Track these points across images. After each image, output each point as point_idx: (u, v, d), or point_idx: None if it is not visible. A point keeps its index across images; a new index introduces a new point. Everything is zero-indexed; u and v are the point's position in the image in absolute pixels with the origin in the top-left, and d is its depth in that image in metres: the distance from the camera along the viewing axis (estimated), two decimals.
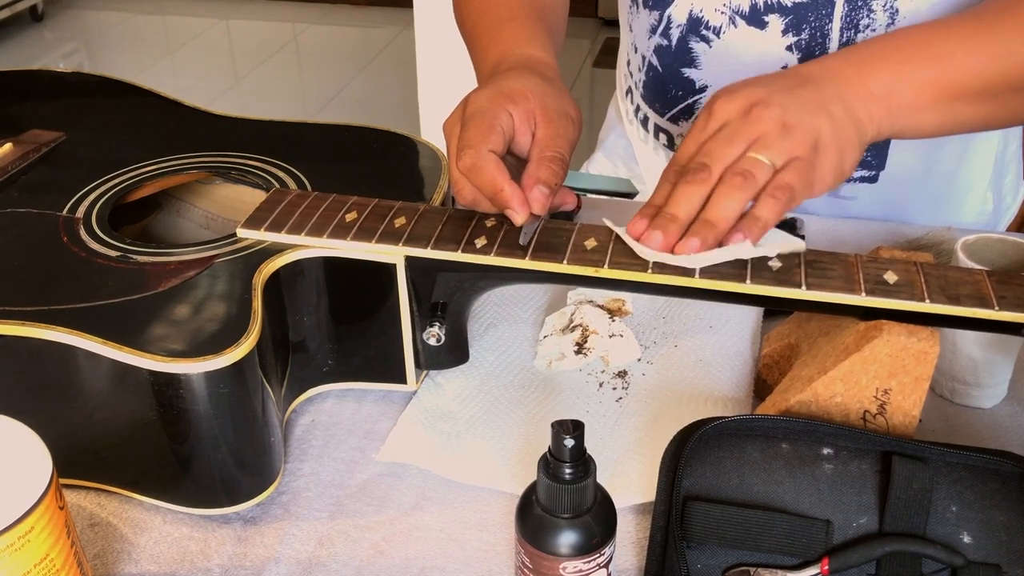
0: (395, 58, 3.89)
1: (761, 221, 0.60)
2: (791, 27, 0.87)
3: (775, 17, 0.87)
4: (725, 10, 0.89)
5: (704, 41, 0.92)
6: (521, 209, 0.64)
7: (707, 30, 0.91)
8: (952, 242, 0.74)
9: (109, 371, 0.59)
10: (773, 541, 0.56)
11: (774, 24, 0.87)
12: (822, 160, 0.62)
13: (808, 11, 0.86)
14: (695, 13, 0.91)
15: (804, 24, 0.86)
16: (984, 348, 0.68)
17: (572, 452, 0.50)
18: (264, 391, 0.61)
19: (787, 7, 0.86)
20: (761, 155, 0.60)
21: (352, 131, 0.84)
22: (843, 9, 0.85)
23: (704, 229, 0.60)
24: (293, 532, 0.62)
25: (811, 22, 0.86)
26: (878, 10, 0.84)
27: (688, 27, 0.92)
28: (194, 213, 0.85)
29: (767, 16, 0.87)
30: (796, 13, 0.86)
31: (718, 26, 0.90)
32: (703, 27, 0.91)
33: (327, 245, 0.66)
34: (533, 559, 0.53)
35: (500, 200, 0.64)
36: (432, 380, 0.73)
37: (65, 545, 0.51)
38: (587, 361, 0.74)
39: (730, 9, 0.89)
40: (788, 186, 0.60)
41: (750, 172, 0.60)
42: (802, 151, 0.61)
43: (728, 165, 0.61)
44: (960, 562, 0.55)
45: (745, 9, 0.88)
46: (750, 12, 0.88)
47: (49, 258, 0.67)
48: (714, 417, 0.60)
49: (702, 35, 0.92)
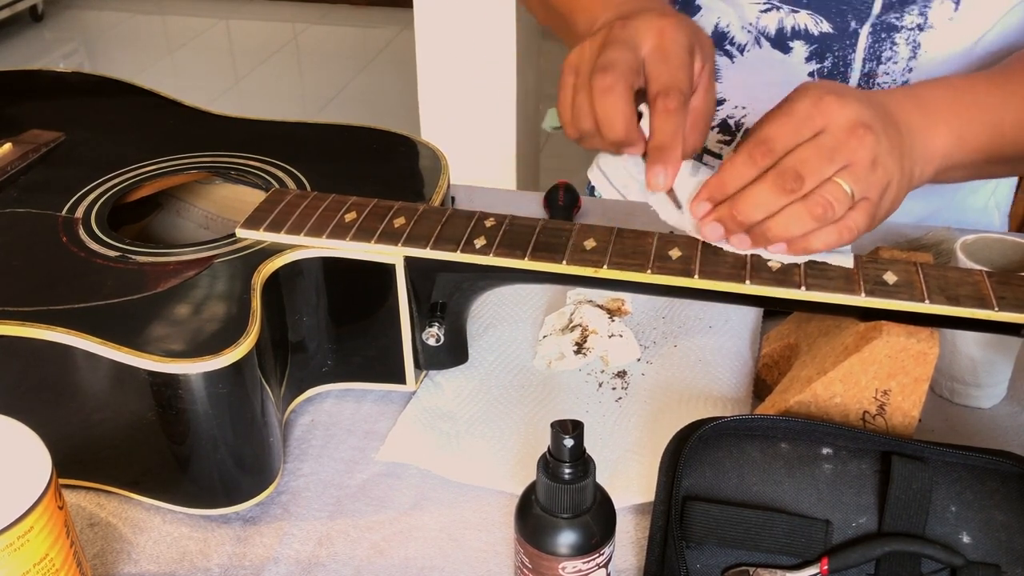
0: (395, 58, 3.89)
1: (812, 249, 0.59)
2: (815, 55, 0.88)
3: (800, 43, 0.87)
4: (751, 29, 0.89)
5: (727, 56, 0.92)
6: (673, 177, 0.60)
7: (731, 46, 0.92)
8: (952, 242, 0.74)
9: (108, 371, 0.59)
10: (772, 541, 0.56)
11: (798, 50, 0.88)
12: (881, 207, 0.60)
13: (833, 41, 0.86)
14: (720, 27, 0.91)
15: (828, 53, 0.87)
16: (984, 348, 0.68)
17: (572, 452, 0.50)
18: (263, 391, 0.61)
19: (813, 35, 0.86)
20: (848, 185, 0.58)
21: (352, 131, 0.84)
22: (867, 41, 0.85)
23: (759, 237, 0.59)
24: (292, 532, 0.62)
25: (835, 52, 0.87)
26: (901, 43, 0.85)
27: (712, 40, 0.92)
28: (194, 213, 0.85)
29: (792, 42, 0.88)
30: (821, 42, 0.87)
31: (743, 44, 0.91)
32: (727, 42, 0.92)
33: (326, 245, 0.66)
34: (532, 559, 0.53)
35: (666, 155, 0.60)
36: (432, 380, 0.73)
37: (64, 545, 0.51)
38: (587, 361, 0.74)
39: (756, 29, 0.89)
40: (856, 228, 0.59)
41: (832, 205, 0.57)
42: (876, 194, 0.59)
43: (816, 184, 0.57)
44: (959, 562, 0.55)
45: (771, 32, 0.88)
46: (776, 35, 0.88)
47: (48, 258, 0.67)
48: (714, 417, 0.60)
49: (725, 50, 0.92)
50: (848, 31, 0.85)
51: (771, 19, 0.88)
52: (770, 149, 0.58)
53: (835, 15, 0.85)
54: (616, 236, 0.64)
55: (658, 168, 0.60)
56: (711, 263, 0.61)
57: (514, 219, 0.67)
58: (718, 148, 1.00)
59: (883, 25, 0.85)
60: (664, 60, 0.61)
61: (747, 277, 0.60)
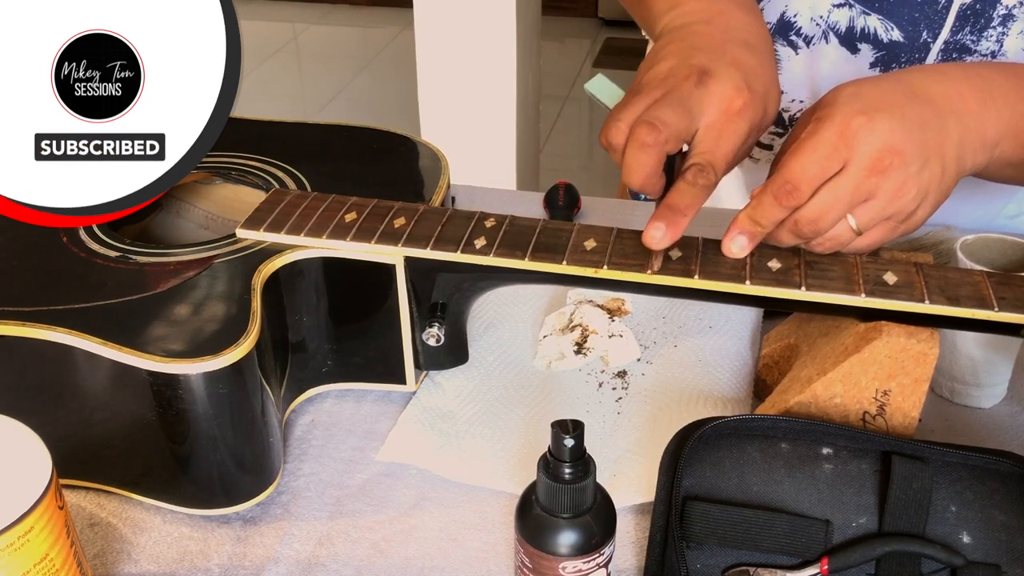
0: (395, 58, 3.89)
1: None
2: (880, 62, 0.86)
3: (868, 47, 0.86)
4: (821, 23, 0.87)
5: (791, 47, 0.90)
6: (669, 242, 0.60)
7: (797, 36, 0.89)
8: (952, 242, 0.74)
9: (109, 371, 0.59)
10: (772, 541, 0.56)
11: (865, 53, 0.86)
12: (911, 222, 0.60)
13: (902, 51, 0.84)
14: (788, 16, 0.89)
15: (895, 63, 0.85)
16: (984, 348, 0.68)
17: (572, 452, 0.50)
18: (263, 391, 0.61)
19: (883, 42, 0.85)
20: (856, 221, 0.59)
21: (352, 131, 0.84)
22: (937, 58, 0.84)
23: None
24: (293, 532, 0.62)
25: (902, 62, 0.85)
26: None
27: (776, 28, 0.90)
28: (194, 213, 0.85)
29: (861, 44, 0.86)
30: (889, 50, 0.85)
31: (810, 36, 0.88)
32: (793, 32, 0.89)
33: (326, 245, 0.66)
34: (533, 559, 0.53)
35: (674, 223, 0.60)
36: (432, 380, 0.73)
37: (65, 545, 0.51)
38: (587, 361, 0.74)
39: (826, 23, 0.87)
40: (855, 250, 0.61)
41: (835, 240, 0.59)
42: (901, 215, 0.59)
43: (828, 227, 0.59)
44: (959, 562, 0.55)
45: (842, 28, 0.86)
46: (846, 33, 0.86)
47: (49, 258, 0.67)
48: (714, 417, 0.60)
49: (790, 40, 0.90)
50: (918, 43, 0.83)
51: (843, 15, 0.86)
52: (795, 189, 0.58)
53: (907, 23, 0.83)
54: (616, 236, 0.64)
55: (660, 224, 0.59)
56: (711, 263, 0.61)
57: (514, 219, 0.67)
58: (769, 139, 0.97)
59: (956, 45, 0.83)
60: (717, 140, 0.61)
61: (747, 277, 0.60)
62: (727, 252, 0.61)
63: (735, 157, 0.62)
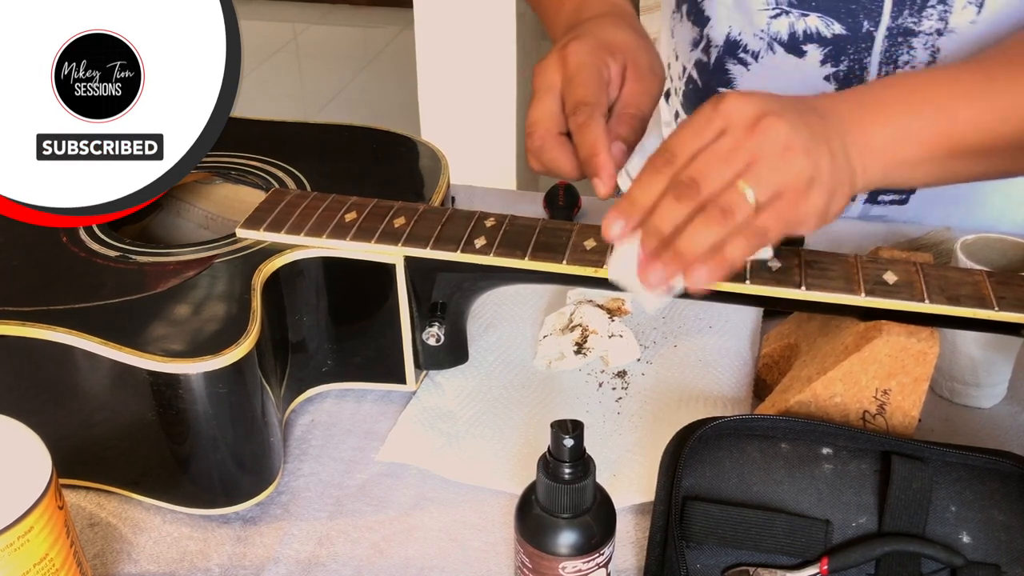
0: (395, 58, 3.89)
1: (728, 261, 0.56)
2: (829, 58, 0.87)
3: (814, 47, 0.87)
4: (763, 36, 0.88)
5: (742, 64, 0.92)
6: (609, 181, 0.62)
7: (745, 53, 0.91)
8: (952, 242, 0.74)
9: (109, 371, 0.59)
10: (772, 541, 0.56)
11: (812, 54, 0.87)
12: (810, 200, 0.57)
13: (847, 43, 0.85)
14: (733, 36, 0.91)
15: (843, 56, 0.86)
16: (984, 348, 0.68)
17: (572, 452, 0.50)
18: (263, 391, 0.61)
19: (827, 38, 0.85)
20: (748, 188, 0.55)
21: (352, 131, 0.84)
22: (883, 44, 0.84)
23: (673, 260, 0.56)
24: (293, 532, 0.62)
25: (850, 54, 0.86)
26: (919, 47, 0.83)
27: (725, 48, 0.92)
28: (194, 213, 0.85)
29: (806, 46, 0.87)
30: (835, 44, 0.86)
31: (756, 51, 0.90)
32: (741, 50, 0.91)
33: (326, 245, 0.66)
34: (533, 559, 0.53)
35: (592, 165, 0.61)
36: (432, 380, 0.73)
37: (64, 545, 0.51)
38: (587, 361, 0.74)
39: (768, 35, 0.88)
40: (763, 231, 0.56)
41: (730, 210, 0.55)
42: (795, 186, 0.56)
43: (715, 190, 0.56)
44: (959, 562, 0.55)
45: (784, 37, 0.87)
46: (788, 40, 0.87)
47: (49, 258, 0.67)
48: (714, 417, 0.60)
49: (740, 58, 0.92)
50: (861, 32, 0.84)
51: (782, 24, 0.87)
52: (672, 155, 0.57)
53: (845, 16, 0.84)
54: None
55: (594, 180, 0.62)
56: None
57: (514, 219, 0.67)
58: None
59: (900, 29, 0.84)
60: (570, 84, 0.64)
61: (747, 277, 0.60)
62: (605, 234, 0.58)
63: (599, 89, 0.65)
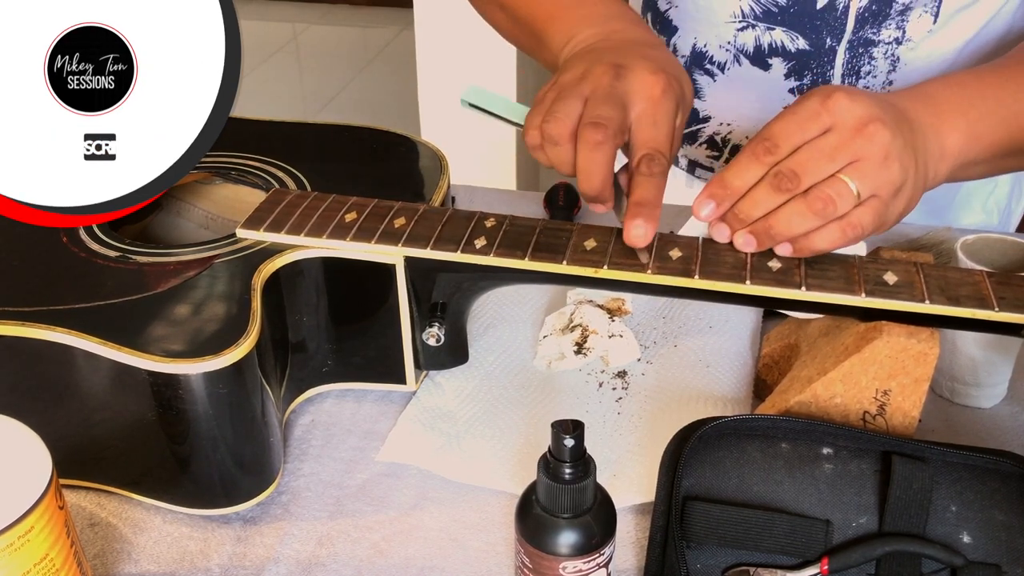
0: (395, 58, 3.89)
1: (816, 249, 0.58)
2: (793, 72, 0.88)
3: (778, 60, 0.88)
4: (730, 48, 0.89)
5: (708, 75, 0.93)
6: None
7: (711, 64, 0.92)
8: (952, 242, 0.74)
9: (109, 371, 0.59)
10: (773, 541, 0.56)
11: (777, 67, 0.88)
12: (895, 205, 0.59)
13: (810, 58, 0.86)
14: (699, 47, 0.92)
15: (806, 70, 0.87)
16: (984, 348, 0.68)
17: (572, 452, 0.50)
18: (263, 391, 0.61)
19: (791, 52, 0.87)
20: (854, 182, 0.57)
21: (352, 131, 0.84)
22: (844, 57, 0.86)
23: (763, 235, 0.59)
24: (293, 532, 0.62)
25: (813, 68, 0.87)
26: (879, 57, 0.85)
27: (692, 59, 0.93)
28: (194, 213, 0.85)
29: (771, 59, 0.88)
30: (799, 59, 0.87)
31: (723, 62, 0.91)
32: (707, 61, 0.92)
33: (326, 245, 0.66)
34: (533, 559, 0.53)
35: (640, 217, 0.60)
36: (432, 380, 0.73)
37: (65, 545, 0.51)
38: (587, 361, 0.74)
39: (735, 48, 0.89)
40: (860, 226, 0.57)
41: (834, 200, 0.56)
42: (888, 191, 0.58)
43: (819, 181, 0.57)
44: (960, 562, 0.55)
45: (750, 49, 0.88)
46: (754, 53, 0.88)
47: (49, 258, 0.67)
48: (714, 417, 0.60)
49: (706, 68, 0.93)
50: (824, 48, 0.86)
51: (748, 37, 0.88)
52: (774, 145, 0.58)
53: (810, 31, 0.85)
54: (616, 236, 0.64)
55: (639, 222, 0.60)
56: (711, 263, 0.61)
57: (514, 219, 0.67)
58: (709, 162, 1.00)
59: (860, 41, 0.85)
60: (653, 126, 0.62)
61: (747, 277, 0.60)
62: (695, 213, 0.60)
63: (675, 138, 0.64)
